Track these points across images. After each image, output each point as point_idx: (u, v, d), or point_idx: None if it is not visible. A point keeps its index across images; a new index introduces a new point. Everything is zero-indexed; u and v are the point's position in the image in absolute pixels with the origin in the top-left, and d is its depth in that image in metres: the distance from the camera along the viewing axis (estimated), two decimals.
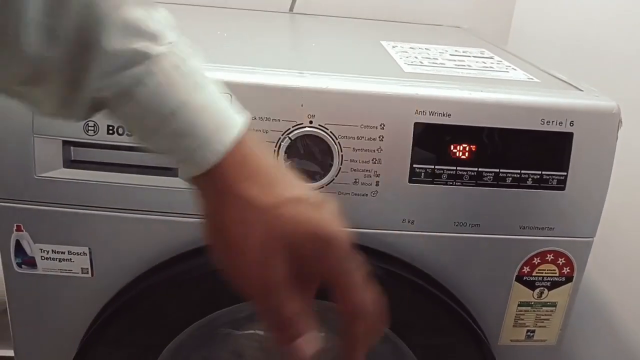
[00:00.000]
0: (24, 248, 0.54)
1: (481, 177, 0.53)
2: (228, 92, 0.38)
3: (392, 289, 0.55)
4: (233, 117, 0.35)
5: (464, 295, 0.57)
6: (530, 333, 0.60)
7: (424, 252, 0.55)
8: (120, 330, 0.55)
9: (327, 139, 0.51)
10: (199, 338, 0.60)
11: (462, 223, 0.54)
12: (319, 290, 0.55)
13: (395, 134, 0.51)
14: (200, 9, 0.95)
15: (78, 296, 0.56)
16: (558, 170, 0.53)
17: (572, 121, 0.52)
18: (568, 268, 0.57)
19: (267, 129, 0.50)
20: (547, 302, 0.58)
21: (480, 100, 0.51)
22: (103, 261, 0.55)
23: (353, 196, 0.52)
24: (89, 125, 0.50)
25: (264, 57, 0.62)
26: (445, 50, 0.70)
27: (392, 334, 0.57)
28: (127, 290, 0.55)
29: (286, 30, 0.86)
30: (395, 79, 0.53)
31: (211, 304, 0.56)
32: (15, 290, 0.56)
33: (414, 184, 0.52)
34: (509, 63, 0.66)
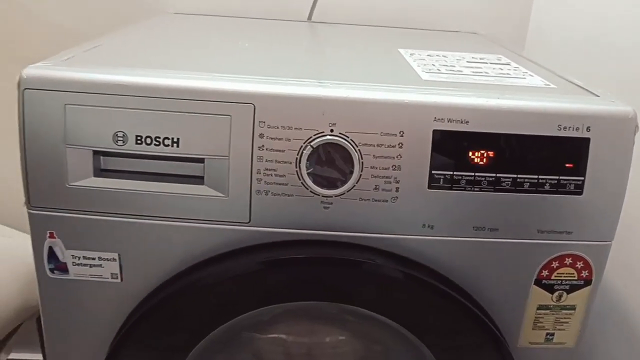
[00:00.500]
0: (56, 254, 0.56)
1: (499, 183, 0.54)
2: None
3: (413, 292, 0.56)
4: None
5: (484, 299, 0.58)
6: (550, 336, 0.60)
7: (444, 256, 0.56)
8: (149, 333, 0.57)
9: (347, 146, 0.52)
10: (224, 341, 0.62)
11: (481, 228, 0.55)
12: (339, 293, 0.56)
13: (414, 141, 0.53)
14: (221, 19, 0.97)
15: (108, 300, 0.58)
16: (575, 175, 0.54)
17: (589, 126, 0.53)
18: (587, 271, 0.58)
19: (289, 138, 0.52)
20: (566, 305, 0.59)
21: (497, 107, 0.53)
22: (132, 266, 0.57)
23: (373, 202, 0.54)
24: (118, 136, 0.52)
25: (285, 67, 0.64)
26: (462, 57, 0.71)
27: (413, 336, 0.58)
28: (155, 294, 0.57)
29: (305, 40, 0.88)
30: (414, 87, 0.55)
31: (235, 308, 0.57)
32: (48, 295, 0.58)
33: (433, 189, 0.54)
34: (525, 69, 0.67)
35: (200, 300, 0.56)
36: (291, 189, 0.53)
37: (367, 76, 0.60)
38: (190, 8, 1.03)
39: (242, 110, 0.51)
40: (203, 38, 0.80)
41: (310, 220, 0.54)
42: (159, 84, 0.51)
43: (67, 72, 0.52)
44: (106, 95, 0.51)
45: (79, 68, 0.53)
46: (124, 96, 0.51)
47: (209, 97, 0.51)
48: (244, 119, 0.51)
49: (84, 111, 0.51)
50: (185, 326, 0.57)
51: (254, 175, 0.53)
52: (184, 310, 0.56)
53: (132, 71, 0.53)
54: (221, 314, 0.57)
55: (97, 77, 0.51)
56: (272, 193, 0.53)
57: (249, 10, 1.02)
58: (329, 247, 0.56)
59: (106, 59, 0.60)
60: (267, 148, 0.52)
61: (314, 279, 0.56)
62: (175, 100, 0.51)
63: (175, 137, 0.52)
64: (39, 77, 0.51)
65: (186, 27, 0.87)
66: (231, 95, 0.51)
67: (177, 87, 0.51)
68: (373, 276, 0.56)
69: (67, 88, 0.51)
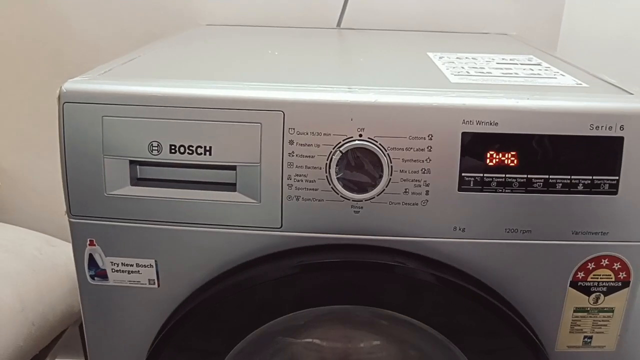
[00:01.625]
0: (96, 261, 0.58)
1: (531, 184, 0.53)
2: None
3: (446, 295, 0.56)
4: None
5: (518, 302, 0.57)
6: (588, 339, 0.59)
7: (476, 259, 0.56)
8: (186, 336, 0.58)
9: (376, 151, 0.53)
10: (259, 345, 0.63)
11: (513, 230, 0.55)
12: (372, 297, 0.56)
13: (443, 144, 0.53)
14: (252, 30, 0.98)
15: (146, 305, 0.60)
16: (609, 175, 0.53)
17: (622, 125, 0.52)
18: (624, 273, 0.57)
19: (318, 144, 0.53)
20: (604, 308, 0.58)
21: (527, 107, 0.52)
22: (168, 272, 0.58)
23: (404, 206, 0.54)
24: (153, 146, 0.53)
25: (313, 74, 0.65)
26: (492, 59, 0.71)
27: (447, 340, 0.58)
28: (191, 299, 0.59)
29: (334, 46, 0.89)
30: (442, 90, 0.55)
31: (270, 312, 0.58)
32: (89, 301, 0.60)
33: (463, 192, 0.54)
34: (557, 69, 0.66)
35: (236, 304, 0.57)
36: (321, 194, 0.54)
37: (395, 80, 0.61)
38: (221, 20, 1.05)
39: (272, 117, 0.52)
40: (233, 48, 0.82)
41: (341, 224, 0.55)
42: (190, 94, 0.53)
43: (103, 85, 0.54)
44: (141, 107, 0.53)
45: (114, 81, 0.55)
46: (158, 107, 0.53)
47: (239, 106, 0.52)
48: (273, 126, 0.52)
49: (120, 122, 0.53)
50: (221, 330, 0.58)
51: (285, 181, 0.54)
52: (220, 315, 0.57)
53: (165, 83, 0.54)
54: (257, 318, 0.58)
55: (131, 90, 0.53)
56: (303, 198, 0.54)
57: (279, 20, 1.04)
58: (361, 251, 0.56)
59: (141, 71, 0.62)
60: (297, 154, 0.53)
61: (346, 283, 0.57)
62: (206, 110, 0.52)
63: (207, 145, 0.53)
64: (78, 91, 0.53)
65: (217, 39, 0.89)
66: (261, 103, 0.52)
67: (208, 97, 0.53)
68: (405, 279, 0.56)
69: (104, 101, 0.53)
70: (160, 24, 1.05)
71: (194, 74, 0.62)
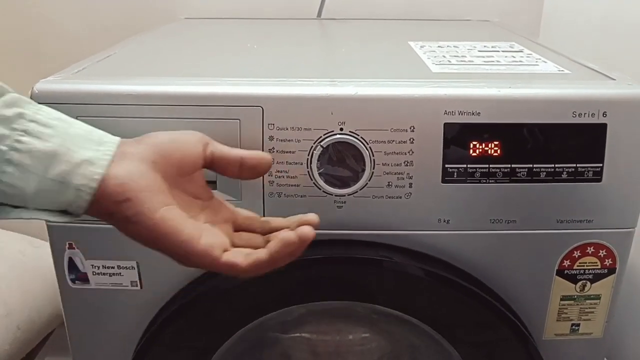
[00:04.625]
0: (76, 265, 0.57)
1: (515, 174, 0.53)
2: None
3: (433, 288, 0.55)
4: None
5: (505, 292, 0.57)
6: (575, 327, 0.59)
7: (462, 250, 0.56)
8: (172, 336, 0.57)
9: (358, 144, 0.52)
10: (249, 342, 0.62)
11: (498, 220, 0.54)
12: (359, 292, 0.56)
13: (425, 135, 0.52)
14: (231, 22, 0.97)
15: (129, 307, 0.59)
16: (593, 162, 0.53)
17: (605, 112, 0.51)
18: (610, 260, 0.56)
19: (299, 139, 0.52)
20: (591, 295, 0.58)
21: (509, 96, 0.52)
22: (151, 273, 0.57)
23: (387, 199, 0.53)
24: None
25: (293, 67, 0.64)
26: (473, 47, 0.70)
27: (436, 332, 0.58)
28: (175, 299, 0.58)
29: (315, 38, 0.88)
30: (423, 80, 0.54)
31: (256, 310, 0.57)
32: (71, 305, 0.59)
33: (447, 184, 0.53)
34: (538, 55, 0.65)
35: (221, 302, 0.56)
36: (303, 189, 0.53)
37: (375, 72, 0.60)
38: (200, 13, 1.03)
39: (251, 113, 0.51)
40: (212, 43, 0.80)
41: (324, 220, 0.53)
42: (166, 91, 0.52)
43: (77, 84, 0.52)
44: (116, 106, 0.52)
45: (88, 80, 0.53)
46: (133, 105, 0.51)
47: (216, 102, 0.51)
48: (252, 122, 0.51)
49: (96, 122, 0.51)
50: (208, 328, 0.58)
51: (266, 178, 0.53)
52: (207, 313, 0.57)
53: (140, 81, 0.53)
54: (243, 316, 0.58)
55: (105, 89, 0.52)
56: (285, 195, 0.53)
57: (258, 12, 1.02)
58: (345, 247, 0.55)
59: (116, 69, 0.61)
60: (277, 150, 0.52)
61: (333, 279, 0.56)
62: (183, 107, 0.51)
63: None
64: (50, 91, 0.52)
65: (196, 33, 0.88)
66: (239, 99, 0.51)
67: (184, 94, 0.51)
68: (392, 274, 0.55)
69: (78, 100, 0.52)
70: (139, 18, 1.03)
71: (171, 70, 0.61)
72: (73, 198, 0.39)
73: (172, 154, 0.43)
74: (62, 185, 0.39)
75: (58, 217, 0.40)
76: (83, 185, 0.39)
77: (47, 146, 0.38)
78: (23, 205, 0.39)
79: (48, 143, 0.39)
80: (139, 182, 0.40)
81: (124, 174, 0.40)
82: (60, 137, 0.39)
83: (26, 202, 0.39)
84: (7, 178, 0.38)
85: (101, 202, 0.39)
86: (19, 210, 0.39)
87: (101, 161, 0.40)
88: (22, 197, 0.38)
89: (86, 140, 0.40)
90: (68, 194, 0.39)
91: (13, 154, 0.38)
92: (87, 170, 0.39)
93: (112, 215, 0.40)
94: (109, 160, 0.40)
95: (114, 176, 0.39)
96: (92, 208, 0.40)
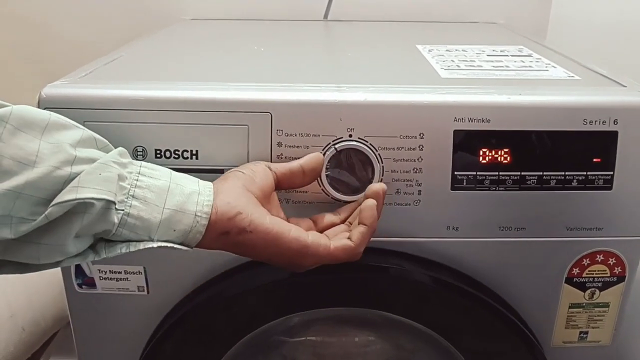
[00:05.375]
0: (83, 269, 0.57)
1: (524, 181, 0.52)
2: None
3: (441, 296, 0.55)
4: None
5: (513, 299, 0.57)
6: (583, 334, 0.59)
7: (471, 258, 0.55)
8: (179, 342, 0.57)
9: (367, 151, 0.51)
10: (254, 347, 0.62)
11: (507, 227, 0.54)
12: (367, 299, 0.56)
13: (435, 142, 0.52)
14: (237, 24, 0.96)
15: (136, 312, 0.59)
16: (604, 170, 0.52)
17: (616, 119, 0.51)
18: (619, 268, 0.56)
19: (307, 145, 0.51)
20: (599, 303, 0.58)
21: (519, 104, 0.51)
22: (158, 279, 0.57)
23: (396, 206, 0.53)
24: (137, 151, 0.52)
25: (301, 72, 0.63)
26: (482, 51, 0.69)
27: (443, 339, 0.57)
28: (182, 304, 0.58)
29: (321, 41, 0.87)
30: (433, 86, 0.54)
31: (263, 316, 0.57)
32: (78, 309, 0.59)
33: (456, 191, 0.53)
34: (548, 60, 0.65)
35: (228, 309, 0.56)
36: (312, 196, 0.53)
37: (384, 77, 0.59)
38: (206, 14, 1.03)
39: (259, 119, 0.51)
40: (218, 45, 0.80)
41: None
42: (175, 97, 0.51)
43: (84, 89, 0.52)
44: (124, 111, 0.51)
45: (96, 84, 0.53)
46: (141, 111, 0.51)
47: (225, 108, 0.51)
48: (261, 128, 0.51)
49: (103, 127, 0.51)
50: (214, 334, 0.57)
51: None
52: (213, 319, 0.56)
53: (148, 85, 0.53)
54: (249, 322, 0.57)
55: (113, 93, 0.52)
56: (293, 201, 0.53)
57: (265, 13, 1.02)
58: None
59: (123, 73, 0.60)
60: (285, 156, 0.52)
61: (340, 286, 0.56)
62: (191, 113, 0.51)
63: (193, 149, 0.52)
64: (58, 96, 0.52)
65: (202, 35, 0.87)
66: (247, 104, 0.51)
67: (193, 99, 0.51)
68: (400, 281, 0.55)
69: (85, 105, 0.51)
70: (144, 19, 1.02)
71: (179, 74, 0.60)
72: (192, 223, 0.44)
73: (254, 179, 0.48)
74: (181, 214, 0.43)
75: (178, 247, 0.44)
76: (199, 211, 0.44)
77: (161, 183, 0.44)
78: (148, 238, 0.43)
79: (160, 181, 0.44)
80: (242, 199, 0.45)
81: (228, 197, 0.45)
82: (167, 176, 0.45)
83: (151, 233, 0.43)
84: (135, 211, 0.42)
85: (217, 222, 0.44)
86: (144, 242, 0.43)
87: (207, 190, 0.45)
88: (148, 228, 0.43)
89: (186, 179, 0.46)
90: (187, 221, 0.43)
91: (136, 190, 0.43)
92: (199, 198, 0.44)
93: (228, 234, 0.44)
94: (212, 191, 0.46)
95: (220, 200, 0.45)
96: (208, 231, 0.44)
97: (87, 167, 0.41)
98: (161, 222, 0.43)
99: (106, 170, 0.42)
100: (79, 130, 0.44)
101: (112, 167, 0.42)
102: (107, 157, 0.43)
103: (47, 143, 0.41)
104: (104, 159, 0.42)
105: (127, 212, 0.42)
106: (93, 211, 0.40)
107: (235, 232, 0.44)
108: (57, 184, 0.40)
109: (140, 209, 0.42)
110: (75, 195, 0.39)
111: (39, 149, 0.40)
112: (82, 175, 0.41)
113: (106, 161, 0.42)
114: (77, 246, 0.42)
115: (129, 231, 0.42)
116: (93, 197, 0.40)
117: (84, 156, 0.42)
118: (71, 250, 0.41)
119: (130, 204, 0.42)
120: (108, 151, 0.45)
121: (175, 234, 0.44)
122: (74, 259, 0.42)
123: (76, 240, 0.41)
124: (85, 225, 0.41)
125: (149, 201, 0.43)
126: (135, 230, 0.42)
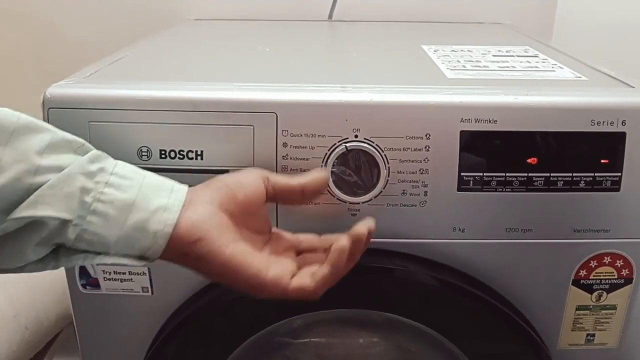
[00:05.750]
0: (87, 270, 0.57)
1: (531, 182, 0.52)
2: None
3: (447, 298, 0.55)
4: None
5: (520, 301, 0.57)
6: (590, 337, 0.58)
7: (477, 259, 0.55)
8: (183, 343, 0.57)
9: (373, 152, 0.51)
10: (257, 349, 0.62)
11: (514, 229, 0.53)
12: (372, 301, 0.55)
13: (441, 143, 0.51)
14: (242, 24, 0.96)
15: (140, 313, 0.58)
16: (612, 171, 0.52)
17: (624, 120, 0.51)
18: (627, 270, 0.56)
19: (313, 146, 0.51)
20: (607, 305, 0.57)
21: (526, 104, 0.51)
22: (162, 279, 0.57)
23: (402, 207, 0.53)
24: (142, 151, 0.52)
25: (307, 72, 0.63)
26: (488, 51, 0.69)
27: (448, 341, 0.57)
28: (186, 305, 0.57)
29: (326, 41, 0.87)
30: (439, 87, 0.53)
31: (266, 318, 0.57)
32: (81, 310, 0.59)
33: (463, 192, 0.52)
34: (554, 61, 0.64)
35: (230, 312, 0.56)
36: (317, 197, 0.52)
37: (390, 78, 0.59)
38: (210, 14, 1.03)
39: (265, 119, 0.51)
40: (223, 45, 0.80)
41: (338, 227, 0.53)
42: (180, 97, 0.51)
43: (89, 89, 0.52)
44: (128, 111, 0.51)
45: (100, 84, 0.53)
46: (146, 111, 0.51)
47: (230, 108, 0.51)
48: (266, 128, 0.51)
49: (108, 127, 0.51)
50: (217, 337, 0.57)
51: None
52: (217, 321, 0.56)
53: (153, 85, 0.53)
54: (252, 325, 0.57)
55: (118, 93, 0.51)
56: None
57: (269, 13, 1.02)
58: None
59: (128, 73, 0.60)
60: (291, 157, 0.51)
61: (345, 287, 0.56)
62: (196, 113, 0.51)
63: (198, 149, 0.52)
64: (63, 96, 0.51)
65: (206, 35, 0.87)
66: (253, 105, 0.51)
67: (198, 100, 0.51)
68: (406, 282, 0.55)
69: (90, 105, 0.51)
70: (148, 19, 1.02)
71: (183, 74, 0.60)
72: (150, 243, 0.42)
73: (236, 194, 0.45)
74: (141, 232, 0.42)
75: (136, 262, 0.43)
76: (159, 231, 0.42)
77: (126, 197, 0.42)
78: (105, 252, 0.42)
79: (126, 194, 0.42)
80: (208, 223, 0.43)
81: (195, 217, 0.43)
82: (136, 187, 0.43)
83: (108, 249, 0.42)
84: (92, 227, 0.41)
85: (176, 244, 0.42)
86: (101, 256, 0.42)
87: (174, 207, 0.43)
88: (106, 244, 0.42)
89: (159, 190, 0.44)
90: (146, 240, 0.42)
91: (97, 204, 0.41)
92: (162, 216, 0.42)
93: (187, 256, 0.43)
94: (180, 206, 0.43)
95: (185, 219, 0.42)
96: (167, 251, 0.43)
97: (52, 177, 0.40)
98: (119, 239, 0.41)
99: (69, 185, 0.40)
100: (49, 133, 0.42)
101: (76, 179, 0.41)
102: (74, 166, 0.41)
103: (11, 150, 0.40)
104: (70, 168, 0.41)
105: (84, 228, 0.41)
106: (49, 227, 0.40)
107: (193, 257, 0.43)
108: (17, 195, 0.40)
109: (98, 225, 0.41)
110: (32, 212, 0.39)
111: (2, 158, 0.39)
112: (45, 188, 0.40)
113: (71, 172, 0.41)
114: (37, 253, 0.41)
115: (86, 245, 0.41)
116: (50, 215, 0.39)
117: (49, 164, 0.41)
118: (31, 257, 0.41)
119: (88, 220, 0.41)
120: (84, 152, 0.43)
121: (135, 250, 0.42)
122: (35, 265, 0.42)
123: (36, 248, 0.41)
124: (43, 238, 0.40)
125: (109, 218, 0.41)
126: (92, 245, 0.41)
